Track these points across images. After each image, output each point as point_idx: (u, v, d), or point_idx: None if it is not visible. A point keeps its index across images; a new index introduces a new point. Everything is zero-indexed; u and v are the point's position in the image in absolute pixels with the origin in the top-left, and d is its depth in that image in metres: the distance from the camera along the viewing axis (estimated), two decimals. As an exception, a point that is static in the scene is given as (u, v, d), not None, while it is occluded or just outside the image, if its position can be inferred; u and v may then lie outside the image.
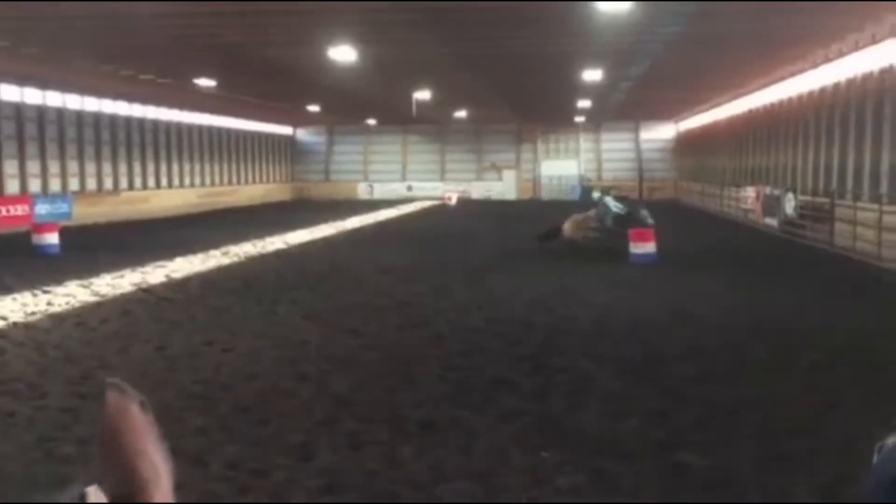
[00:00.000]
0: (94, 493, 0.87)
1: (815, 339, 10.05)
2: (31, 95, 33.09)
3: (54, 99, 34.52)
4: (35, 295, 13.63)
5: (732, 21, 18.69)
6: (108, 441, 0.98)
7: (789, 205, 25.07)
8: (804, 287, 14.51)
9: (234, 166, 51.04)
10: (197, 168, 46.68)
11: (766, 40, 21.82)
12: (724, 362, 8.99)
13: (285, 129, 57.24)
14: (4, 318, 11.54)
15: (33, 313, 12.04)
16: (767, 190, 28.68)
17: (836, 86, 24.58)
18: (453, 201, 45.81)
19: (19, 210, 30.07)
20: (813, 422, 6.77)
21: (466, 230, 28.15)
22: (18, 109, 32.37)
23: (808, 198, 25.00)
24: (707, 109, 43.29)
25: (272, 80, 29.59)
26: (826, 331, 10.59)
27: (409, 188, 55.94)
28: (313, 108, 41.74)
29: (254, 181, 53.57)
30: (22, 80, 31.31)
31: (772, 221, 26.82)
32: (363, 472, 5.77)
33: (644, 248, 17.98)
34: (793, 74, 28.33)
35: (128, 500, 0.92)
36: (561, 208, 42.14)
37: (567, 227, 20.51)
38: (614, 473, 5.71)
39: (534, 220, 33.66)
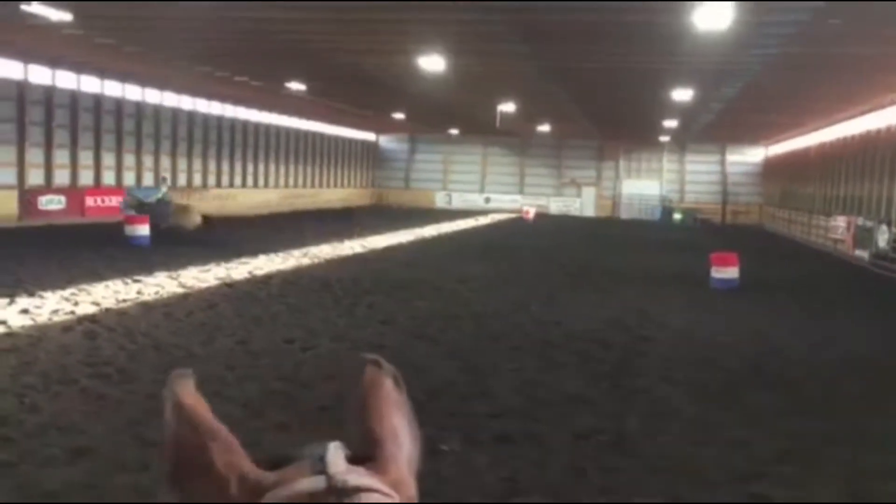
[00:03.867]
0: (335, 447, 0.93)
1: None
2: (132, 92, 34.47)
3: (152, 96, 35.90)
4: (126, 283, 14.17)
5: (833, 44, 18.12)
6: (357, 407, 1.03)
7: (883, 237, 24.11)
8: (897, 323, 13.91)
9: (316, 169, 52.06)
10: (281, 169, 47.81)
11: (866, 66, 21.07)
12: (811, 395, 8.69)
13: (368, 135, 58.09)
14: (97, 304, 12.03)
15: (124, 301, 12.52)
16: (860, 221, 27.64)
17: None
18: (531, 215, 45.65)
19: (114, 201, 31.32)
20: (905, 464, 6.48)
21: (544, 244, 28.00)
22: (118, 105, 33.76)
23: (904, 231, 24.01)
24: (799, 134, 42.04)
25: (361, 87, 30.11)
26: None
27: (487, 200, 56.01)
28: (398, 115, 42.27)
29: (334, 185, 54.49)
30: (123, 77, 32.68)
31: (862, 254, 25.83)
32: (437, 478, 5.79)
33: (726, 273, 17.52)
34: (893, 102, 27.29)
35: (363, 461, 0.95)
36: (642, 228, 41.70)
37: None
38: (691, 500, 5.59)
39: (613, 237, 33.26)
